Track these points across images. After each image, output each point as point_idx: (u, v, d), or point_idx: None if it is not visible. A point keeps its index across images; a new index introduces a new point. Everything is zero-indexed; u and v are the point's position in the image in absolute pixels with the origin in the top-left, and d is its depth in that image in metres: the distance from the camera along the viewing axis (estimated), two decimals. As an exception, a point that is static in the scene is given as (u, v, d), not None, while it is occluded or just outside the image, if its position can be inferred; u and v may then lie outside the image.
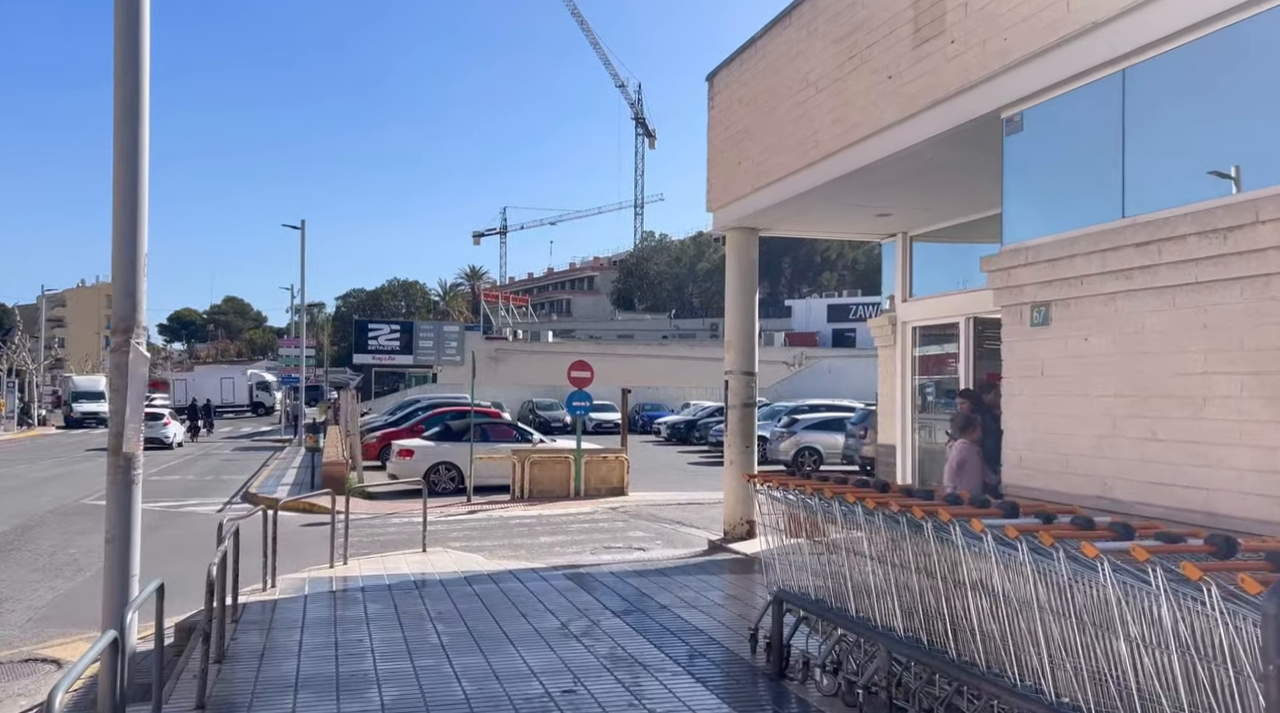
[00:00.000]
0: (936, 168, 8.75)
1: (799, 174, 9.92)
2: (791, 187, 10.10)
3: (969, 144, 7.86)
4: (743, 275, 11.95)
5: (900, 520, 5.07)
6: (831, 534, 5.90)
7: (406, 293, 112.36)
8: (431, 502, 20.17)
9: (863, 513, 5.43)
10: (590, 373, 20.28)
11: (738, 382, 11.89)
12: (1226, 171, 5.45)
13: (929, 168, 8.77)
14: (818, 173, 9.56)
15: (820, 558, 6.03)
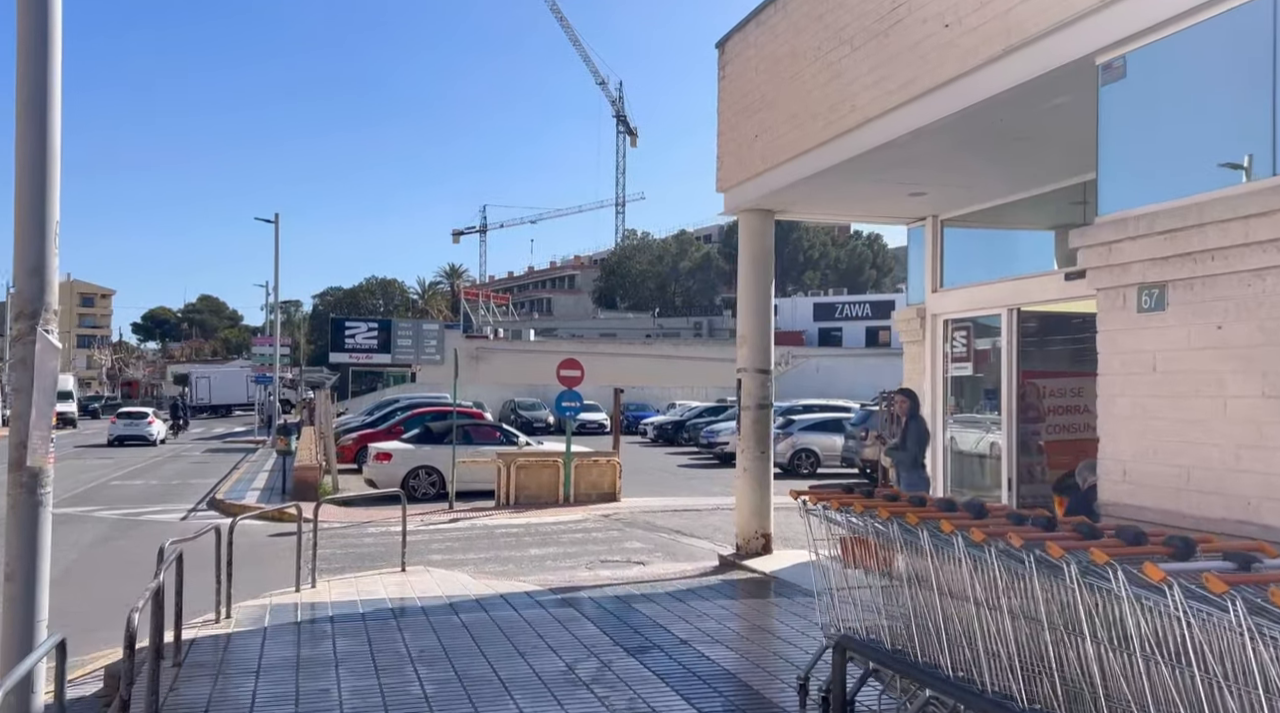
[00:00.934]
0: (991, 136, 7.62)
1: (828, 146, 8.77)
2: (818, 161, 8.95)
3: (1038, 101, 6.73)
4: (757, 263, 10.79)
5: (1025, 560, 3.92)
6: (911, 567, 4.74)
7: (385, 291, 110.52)
8: (411, 509, 18.83)
9: (965, 546, 4.27)
10: (581, 372, 19.08)
11: (752, 381, 10.73)
12: None
13: (983, 136, 7.64)
14: (851, 143, 8.41)
15: (898, 597, 4.87)
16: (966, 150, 8.13)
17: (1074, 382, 10.73)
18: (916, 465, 9.41)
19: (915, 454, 9.33)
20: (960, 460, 10.73)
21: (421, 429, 20.99)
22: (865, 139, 8.20)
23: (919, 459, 9.38)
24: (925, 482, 9.43)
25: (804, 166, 9.22)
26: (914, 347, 11.16)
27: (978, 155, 8.22)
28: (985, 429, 10.33)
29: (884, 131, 7.94)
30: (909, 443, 9.32)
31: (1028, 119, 7.13)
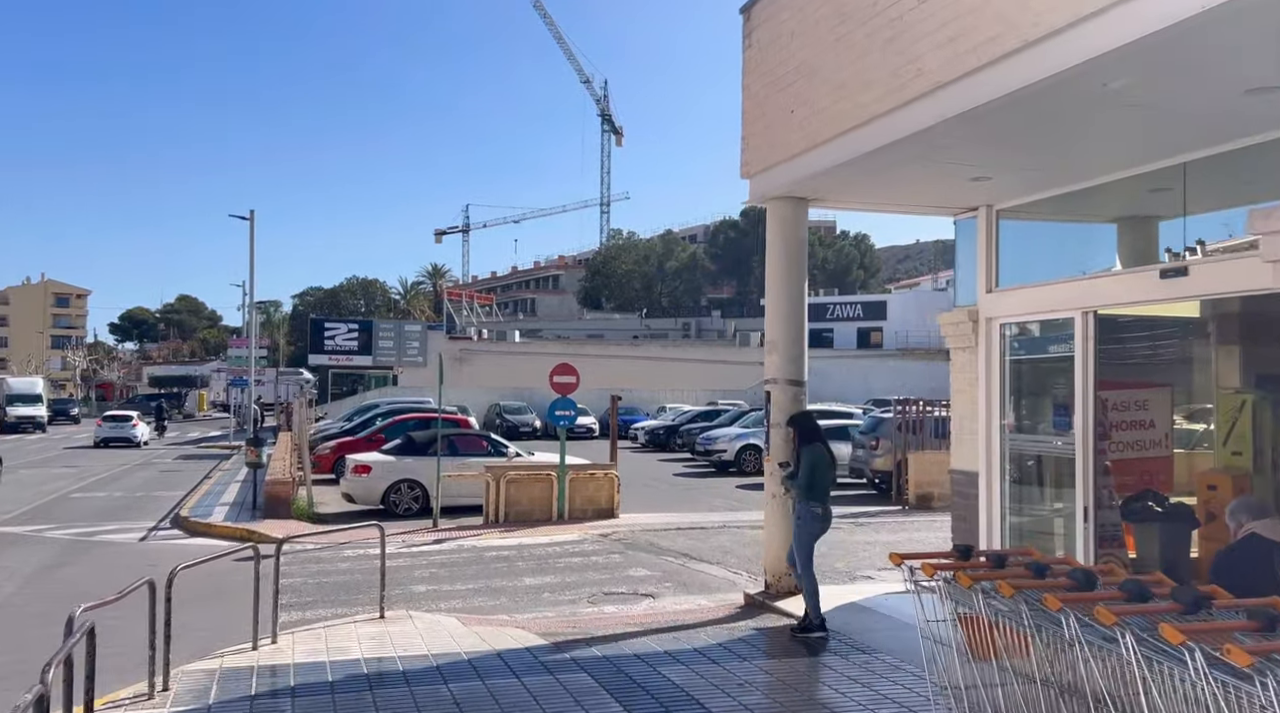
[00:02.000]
0: (1093, 104, 6.30)
1: (884, 121, 7.42)
2: (871, 138, 7.60)
3: (1171, 54, 5.41)
4: (788, 258, 9.43)
5: None
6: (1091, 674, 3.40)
7: (366, 291, 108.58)
8: (392, 526, 17.41)
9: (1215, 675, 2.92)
10: (575, 378, 17.69)
11: (783, 394, 9.36)
12: None
13: (1082, 104, 6.32)
14: (914, 116, 7.07)
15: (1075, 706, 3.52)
16: (1055, 123, 6.80)
17: (1140, 394, 9.44)
18: (810, 497, 8.22)
19: (806, 484, 8.19)
20: (1022, 485, 9.41)
21: (403, 439, 19.54)
22: (933, 110, 6.86)
23: (813, 491, 8.19)
24: (815, 517, 8.25)
25: (852, 145, 7.87)
26: (963, 354, 9.84)
27: (1070, 129, 6.89)
28: (1052, 449, 9.02)
29: (958, 100, 6.60)
30: (799, 472, 8.24)
31: (1151, 78, 5.80)
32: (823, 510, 8.14)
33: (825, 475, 8.15)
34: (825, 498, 8.18)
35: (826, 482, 8.19)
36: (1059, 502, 9.17)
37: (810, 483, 8.07)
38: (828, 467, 8.24)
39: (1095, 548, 8.37)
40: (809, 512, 8.14)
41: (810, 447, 8.21)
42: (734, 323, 69.35)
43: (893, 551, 13.06)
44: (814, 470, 8.09)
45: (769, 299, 9.54)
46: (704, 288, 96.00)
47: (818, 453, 8.17)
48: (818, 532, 8.23)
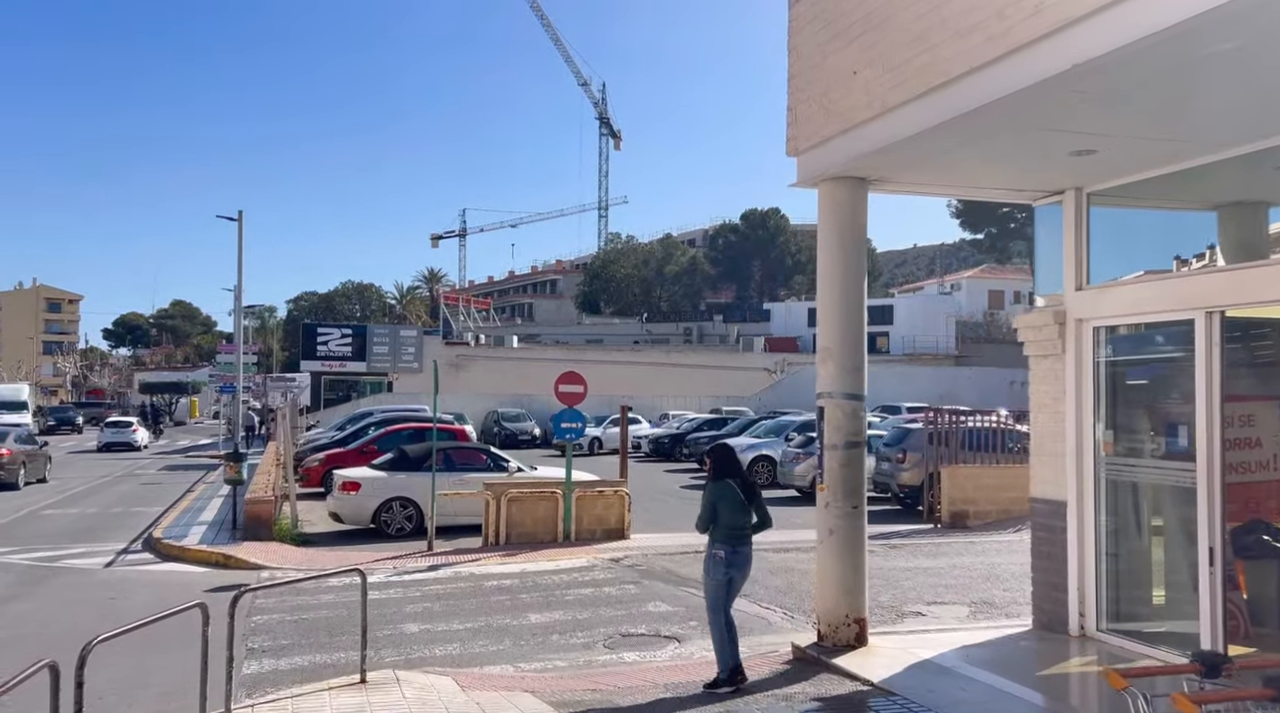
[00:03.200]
0: (1268, 44, 4.90)
1: (982, 75, 6.01)
2: (962, 97, 6.20)
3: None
4: (845, 251, 8.01)
5: None
6: None
7: (361, 296, 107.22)
8: (384, 548, 15.99)
9: None
10: (583, 387, 16.26)
11: (839, 411, 7.94)
12: None
13: (1259, 45, 4.92)
14: (1026, 67, 5.67)
15: None
16: (1206, 73, 5.39)
17: (1244, 407, 8.04)
18: (711, 539, 7.35)
19: (701, 523, 7.38)
20: (1120, 517, 7.99)
21: (396, 453, 18.08)
22: (1056, 58, 5.45)
23: (711, 531, 7.32)
24: (715, 562, 7.32)
25: (935, 109, 6.46)
26: (1047, 362, 8.42)
27: (1226, 81, 5.48)
28: (1163, 475, 7.61)
29: (1096, 41, 5.19)
30: (701, 509, 7.36)
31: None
32: (725, 555, 7.21)
33: (727, 515, 7.19)
34: (728, 541, 7.22)
35: (728, 522, 7.20)
36: (1169, 539, 7.76)
37: (705, 521, 7.24)
38: (735, 508, 7.24)
39: (1223, 599, 6.96)
40: (709, 555, 7.31)
41: (716, 483, 7.33)
42: (736, 327, 67.94)
43: (947, 583, 11.50)
44: (712, 508, 7.19)
45: (821, 300, 8.13)
46: (703, 292, 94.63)
47: (722, 489, 7.27)
48: (720, 579, 7.29)
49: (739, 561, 7.25)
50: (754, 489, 7.44)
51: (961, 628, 9.66)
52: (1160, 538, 7.79)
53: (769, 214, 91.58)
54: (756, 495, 7.41)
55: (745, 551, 7.28)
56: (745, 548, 7.28)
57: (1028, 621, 10.42)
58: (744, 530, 7.26)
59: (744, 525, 7.26)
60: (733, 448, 7.60)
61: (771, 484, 25.21)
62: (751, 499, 7.34)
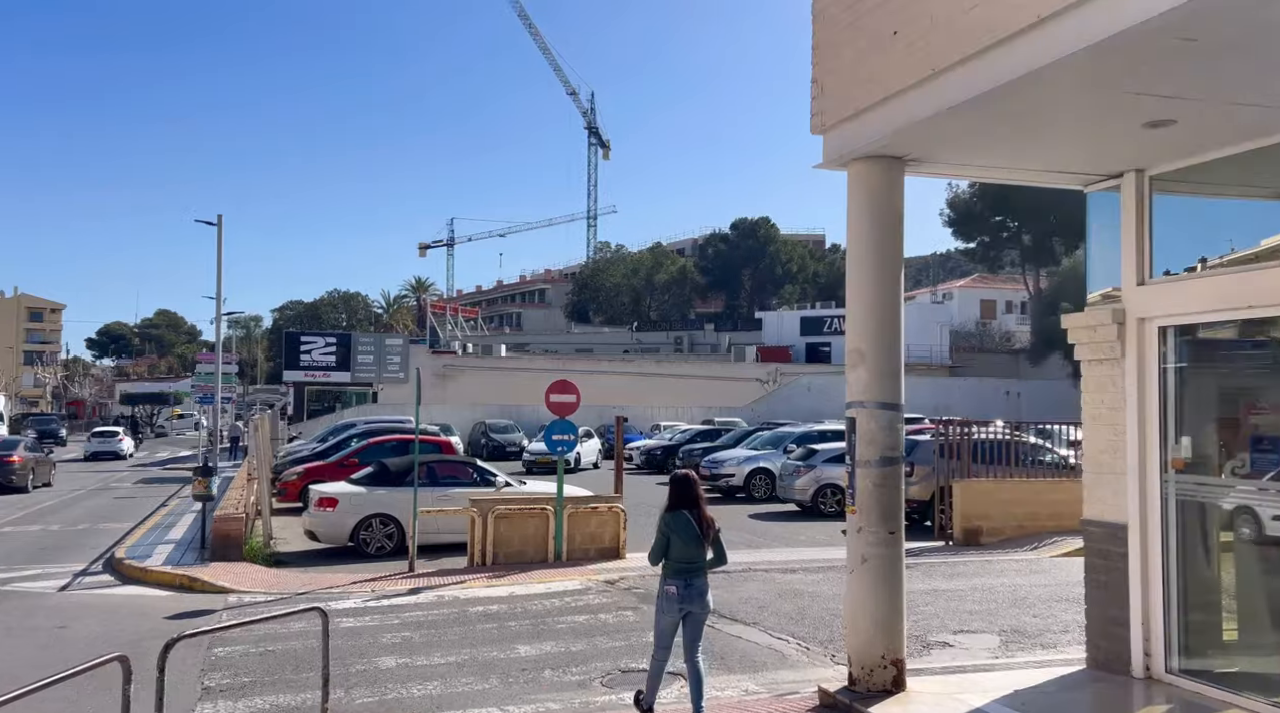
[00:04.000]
0: None
1: (1055, 25, 5.09)
2: (1029, 54, 5.27)
3: None
4: (879, 240, 7.05)
5: None
6: None
7: (347, 305, 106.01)
8: (362, 569, 14.92)
9: None
10: (576, 396, 15.27)
11: (873, 421, 6.97)
12: None
13: None
14: (1113, 13, 4.74)
15: None
16: None
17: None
18: (666, 574, 6.91)
19: (651, 554, 7.02)
20: (1189, 544, 7.04)
21: (376, 467, 17.04)
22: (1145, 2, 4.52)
23: (662, 565, 6.91)
24: (664, 598, 6.91)
25: (996, 70, 5.53)
26: (1102, 367, 7.48)
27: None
28: (1248, 495, 6.67)
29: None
30: (655, 540, 7.01)
31: None
32: (678, 590, 6.81)
33: (680, 548, 6.79)
34: (680, 575, 6.81)
35: (681, 555, 6.80)
36: (1251, 567, 6.81)
37: (657, 553, 6.90)
38: (689, 541, 6.80)
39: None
40: (661, 592, 6.95)
41: (672, 514, 6.92)
42: (728, 337, 67.02)
43: (970, 609, 10.45)
44: (665, 540, 6.84)
45: (851, 295, 7.17)
46: (693, 302, 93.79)
47: (676, 521, 6.85)
48: (674, 617, 6.89)
49: (693, 595, 6.82)
50: (709, 522, 6.90)
51: (1004, 665, 8.69)
52: (1240, 566, 6.85)
53: (759, 224, 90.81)
54: (712, 529, 6.91)
55: (699, 585, 6.85)
56: (699, 582, 6.85)
57: (1071, 653, 9.46)
58: (697, 565, 6.85)
59: (697, 560, 6.84)
60: (692, 479, 7.07)
61: (770, 498, 24.27)
62: (706, 533, 6.85)
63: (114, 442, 46.41)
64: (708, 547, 6.87)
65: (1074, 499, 18.05)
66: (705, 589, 6.85)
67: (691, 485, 6.99)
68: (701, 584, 6.84)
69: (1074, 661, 8.65)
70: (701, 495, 7.01)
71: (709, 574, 6.98)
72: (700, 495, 6.99)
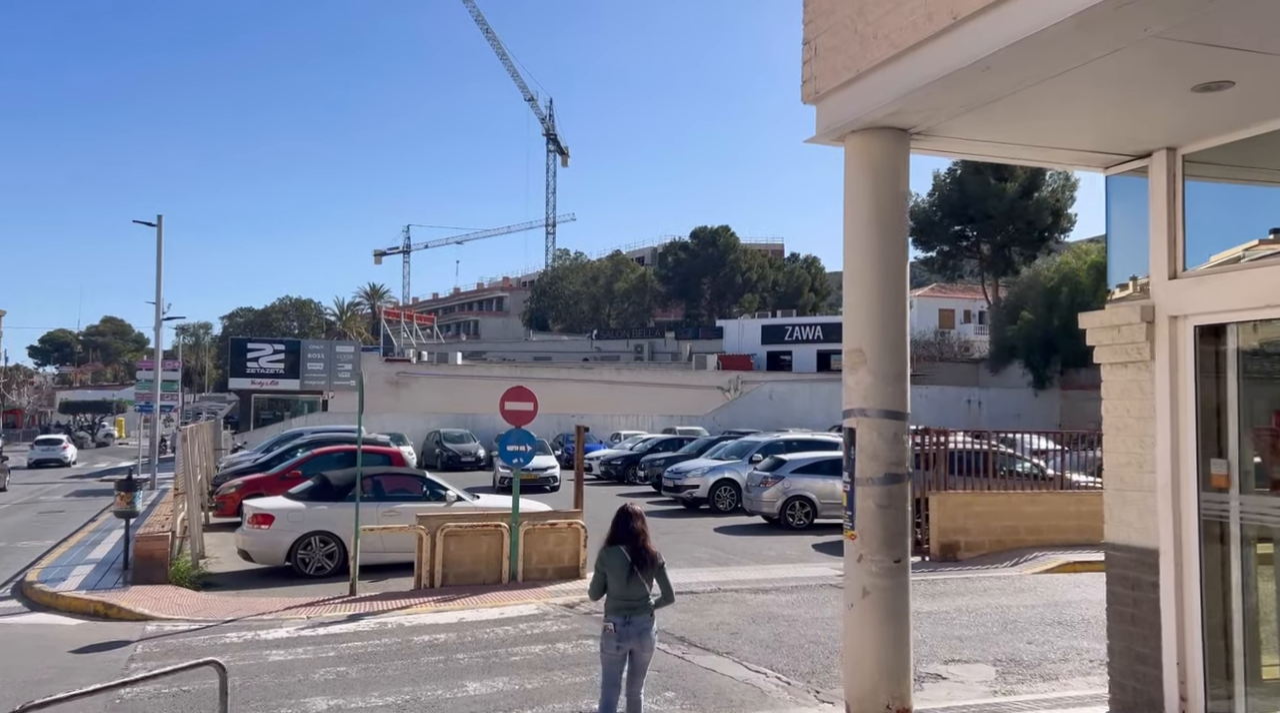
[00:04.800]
0: None
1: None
2: None
3: None
4: (883, 224, 6.13)
5: None
6: None
7: (299, 312, 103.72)
8: (299, 592, 13.74)
9: None
10: (533, 404, 14.22)
11: (875, 433, 6.04)
12: None
13: None
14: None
15: None
16: None
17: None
18: (607, 610, 6.57)
19: (597, 590, 6.63)
20: (1226, 571, 6.19)
21: (317, 480, 15.84)
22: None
23: (612, 600, 6.51)
24: (603, 635, 6.60)
25: (1031, 14, 4.63)
26: (1126, 371, 6.62)
27: None
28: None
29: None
30: (593, 576, 6.72)
31: None
32: (615, 627, 6.52)
33: (615, 585, 6.50)
34: (619, 613, 6.50)
35: (617, 593, 6.50)
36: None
37: (596, 589, 6.62)
38: (623, 578, 6.47)
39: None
40: (603, 628, 6.70)
41: (606, 549, 6.61)
42: (689, 345, 66.21)
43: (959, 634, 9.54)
44: (602, 577, 6.56)
45: (849, 288, 6.25)
46: (653, 310, 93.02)
47: (610, 557, 6.53)
48: (614, 654, 6.55)
49: (631, 633, 6.49)
50: (648, 559, 6.49)
51: (1011, 707, 7.81)
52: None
53: (719, 232, 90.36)
54: (649, 564, 6.51)
55: (640, 622, 6.50)
56: (639, 620, 6.49)
57: (1076, 687, 8.62)
58: (635, 602, 6.51)
59: (636, 597, 6.50)
60: (632, 513, 6.66)
61: (735, 510, 23.37)
62: (642, 567, 6.48)
63: (58, 450, 46.53)
64: (649, 583, 6.51)
65: (1053, 513, 17.51)
66: (647, 628, 6.49)
67: (629, 520, 6.60)
68: (642, 622, 6.48)
69: (1086, 699, 7.81)
70: (642, 530, 6.57)
71: (661, 609, 6.67)
72: (640, 530, 6.56)
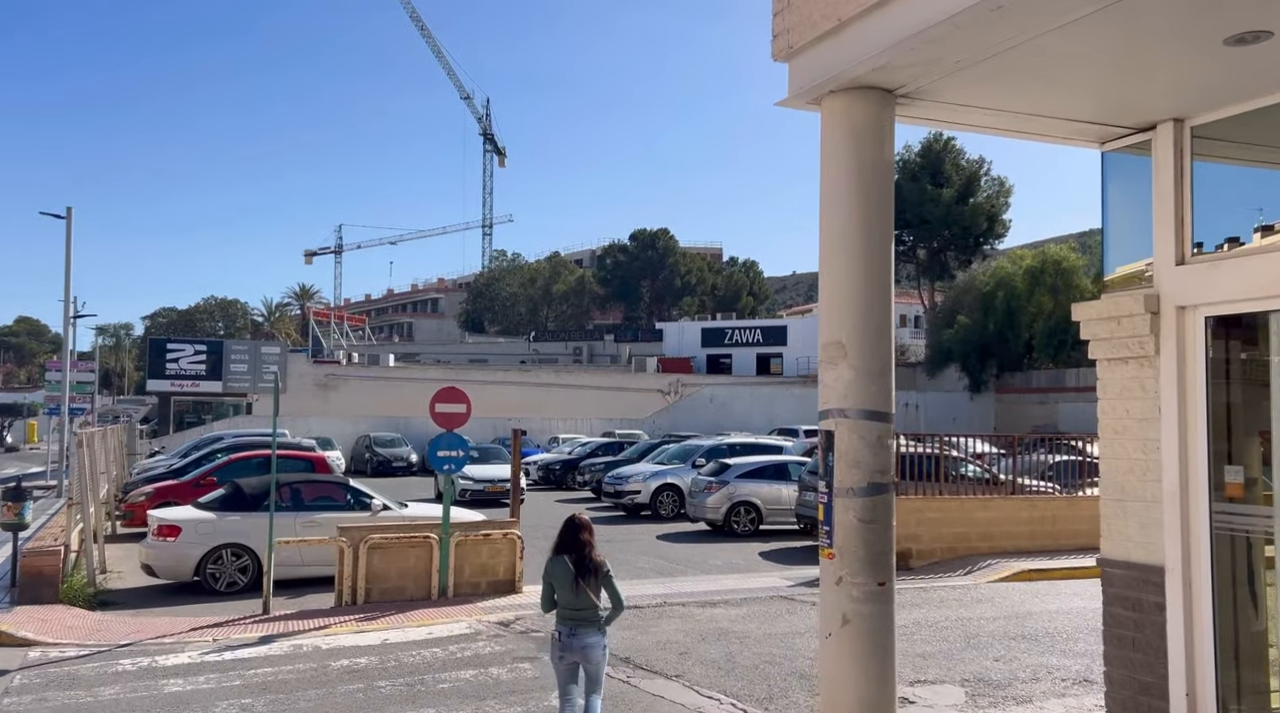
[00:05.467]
0: None
1: None
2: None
3: None
4: (866, 197, 5.36)
5: None
6: None
7: (225, 313, 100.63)
8: (208, 610, 12.54)
9: None
10: (466, 406, 13.25)
11: (855, 436, 5.26)
12: None
13: None
14: None
15: None
16: None
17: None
18: (556, 619, 6.51)
19: (546, 601, 6.55)
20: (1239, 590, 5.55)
21: (229, 488, 14.65)
22: None
23: (560, 610, 6.45)
24: (554, 643, 6.54)
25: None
26: (1127, 367, 5.96)
27: None
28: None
29: None
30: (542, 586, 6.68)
31: None
32: (561, 637, 6.48)
33: (561, 595, 6.45)
34: (565, 623, 6.47)
35: (563, 603, 6.45)
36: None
37: (545, 601, 6.59)
38: (567, 588, 6.42)
39: None
40: (550, 635, 6.71)
41: (552, 558, 6.55)
42: (628, 347, 65.41)
43: (921, 651, 8.85)
44: (548, 588, 6.53)
45: (826, 271, 5.46)
46: (592, 312, 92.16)
47: (554, 566, 6.49)
48: (559, 665, 6.54)
49: (575, 645, 6.42)
50: (592, 568, 6.39)
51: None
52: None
53: (658, 235, 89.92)
54: (594, 573, 6.40)
55: (584, 635, 6.41)
56: (584, 632, 6.40)
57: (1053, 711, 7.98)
58: (583, 612, 6.42)
59: (583, 607, 6.42)
60: (578, 522, 6.59)
61: (678, 516, 22.60)
62: (585, 577, 6.38)
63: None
64: (596, 593, 6.40)
65: (1005, 518, 17.06)
66: (592, 645, 6.37)
67: (577, 530, 6.51)
68: (587, 636, 6.36)
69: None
70: (588, 540, 6.46)
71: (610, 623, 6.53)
72: (586, 540, 6.45)
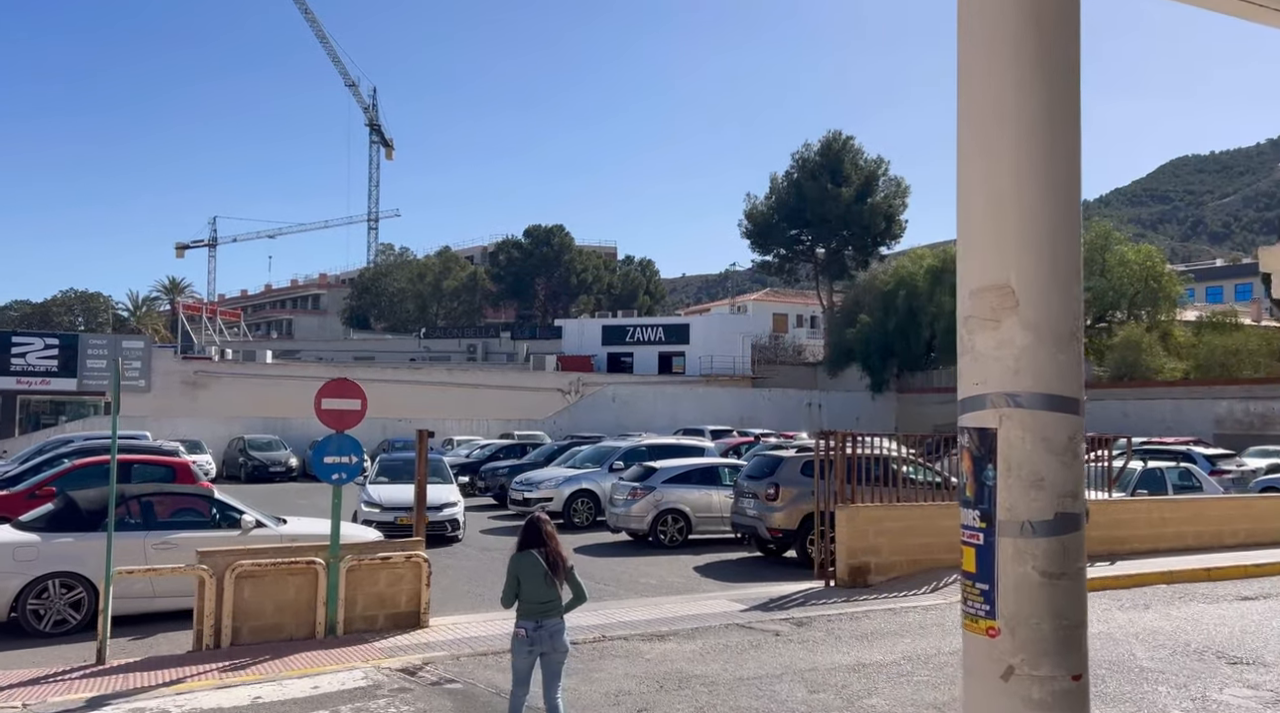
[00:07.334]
0: None
1: None
2: None
3: None
4: (1042, 41, 3.37)
5: None
6: None
7: (86, 306, 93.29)
8: (25, 659, 9.71)
9: None
10: (362, 402, 10.83)
11: (1033, 434, 3.15)
12: None
13: None
14: None
15: None
16: None
17: None
18: (519, 616, 6.58)
19: (509, 597, 6.63)
20: None
21: (61, 503, 11.83)
22: None
23: (525, 605, 6.51)
24: (519, 640, 6.54)
25: None
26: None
27: None
28: None
29: None
30: (505, 583, 6.70)
31: None
32: (527, 632, 6.53)
33: (530, 589, 6.55)
34: (531, 617, 6.54)
35: (532, 596, 6.54)
36: None
37: (509, 596, 6.64)
38: (538, 581, 6.55)
39: None
40: (514, 634, 6.69)
41: (519, 554, 6.68)
42: (526, 345, 62.83)
43: (929, 699, 6.88)
44: (516, 581, 6.60)
45: (973, 171, 3.43)
46: (485, 309, 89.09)
47: (524, 561, 6.62)
48: (525, 661, 6.57)
49: (543, 636, 6.56)
50: (562, 560, 6.67)
51: None
52: None
53: (553, 231, 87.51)
54: (564, 566, 6.66)
55: (550, 626, 6.58)
56: (551, 623, 6.58)
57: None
58: (550, 605, 6.59)
59: (549, 599, 6.59)
60: (541, 520, 6.79)
61: (595, 525, 20.47)
62: (555, 571, 6.62)
63: None
64: (561, 585, 6.64)
65: (962, 525, 15.62)
66: (559, 630, 6.61)
67: (541, 526, 6.79)
68: (554, 625, 6.60)
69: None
70: (552, 534, 6.75)
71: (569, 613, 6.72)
72: (550, 534, 6.75)
